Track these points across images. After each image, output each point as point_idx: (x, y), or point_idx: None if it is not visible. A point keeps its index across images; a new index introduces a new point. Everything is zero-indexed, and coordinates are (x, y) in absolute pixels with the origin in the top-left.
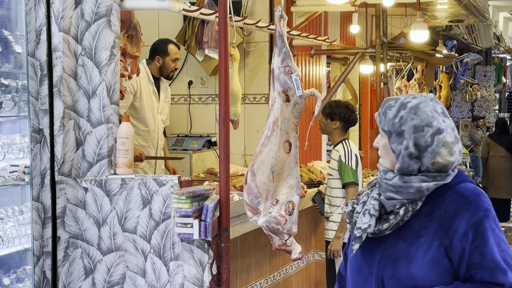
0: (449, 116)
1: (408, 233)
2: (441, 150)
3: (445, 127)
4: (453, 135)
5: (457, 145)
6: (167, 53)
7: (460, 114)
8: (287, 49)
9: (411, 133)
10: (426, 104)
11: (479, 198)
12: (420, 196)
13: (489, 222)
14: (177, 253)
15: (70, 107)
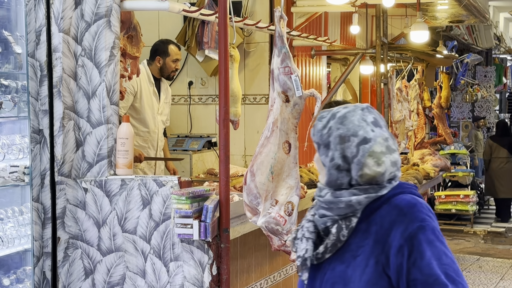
0: (383, 126)
1: (346, 253)
2: (367, 161)
3: (373, 137)
4: (384, 145)
5: (389, 155)
6: (167, 53)
7: (461, 114)
8: (287, 49)
9: (336, 143)
10: (354, 114)
11: (415, 209)
12: (352, 211)
13: (425, 233)
14: (177, 254)
15: (70, 107)
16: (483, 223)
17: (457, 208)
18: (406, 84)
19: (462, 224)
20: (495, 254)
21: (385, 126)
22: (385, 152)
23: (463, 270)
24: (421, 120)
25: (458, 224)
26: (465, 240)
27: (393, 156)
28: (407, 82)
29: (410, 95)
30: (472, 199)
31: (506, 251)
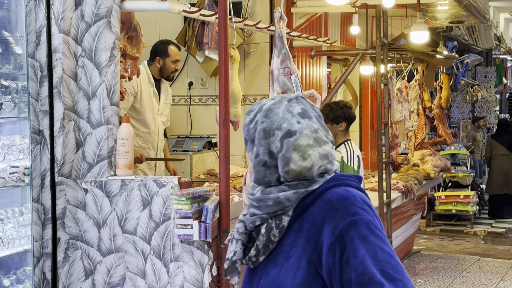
0: (314, 117)
1: (280, 256)
2: (292, 156)
3: (298, 129)
4: (312, 137)
5: (317, 148)
6: (167, 54)
7: (461, 115)
8: (287, 50)
9: (260, 138)
10: (279, 105)
11: (347, 202)
12: (281, 208)
13: (358, 229)
14: (177, 254)
15: (70, 108)
16: (483, 224)
17: (457, 209)
18: (406, 85)
19: (462, 224)
20: (495, 255)
21: (316, 117)
22: (312, 145)
23: (463, 270)
24: (421, 121)
25: (458, 225)
26: (465, 240)
27: (323, 149)
28: (407, 83)
29: (410, 95)
30: (472, 199)
31: (506, 251)
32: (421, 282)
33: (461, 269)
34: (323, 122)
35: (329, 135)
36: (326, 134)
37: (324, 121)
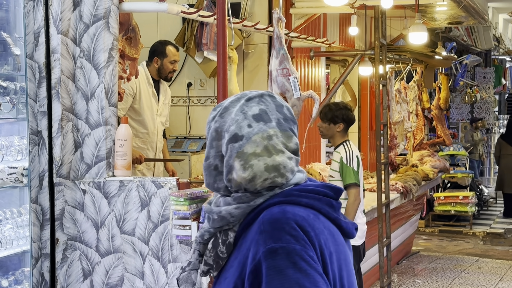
0: (273, 120)
1: (223, 273)
2: (235, 164)
3: (247, 133)
4: (262, 145)
5: (265, 158)
6: (165, 54)
7: (460, 116)
8: (285, 51)
9: (212, 139)
10: (236, 104)
11: (275, 225)
12: (226, 223)
13: (276, 258)
14: (176, 255)
15: (68, 109)
16: (482, 224)
17: (456, 209)
18: (405, 86)
19: (461, 225)
20: (494, 255)
21: (278, 120)
22: (258, 154)
23: (462, 271)
24: (420, 121)
25: (457, 225)
26: (464, 241)
27: (272, 159)
28: (406, 84)
29: (409, 96)
30: (471, 200)
31: (505, 252)
32: (420, 282)
33: (460, 270)
34: (291, 126)
35: (291, 143)
36: (286, 141)
37: (322, 120)
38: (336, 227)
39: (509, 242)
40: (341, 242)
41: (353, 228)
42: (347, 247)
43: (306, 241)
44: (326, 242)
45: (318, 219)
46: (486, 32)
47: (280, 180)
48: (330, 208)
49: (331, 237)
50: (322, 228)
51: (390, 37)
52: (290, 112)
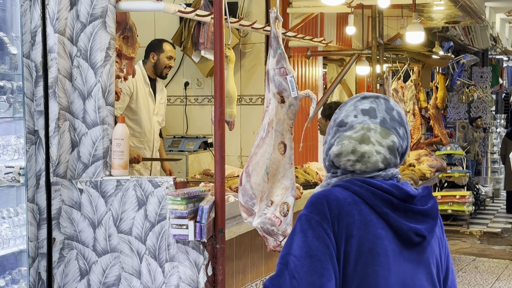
0: (377, 118)
1: None
2: (335, 142)
3: (351, 121)
4: (360, 133)
5: (355, 142)
6: (162, 49)
7: (457, 115)
8: (282, 50)
9: (329, 127)
10: (351, 100)
11: (313, 199)
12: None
13: (298, 222)
14: (173, 255)
15: (65, 108)
16: (479, 224)
17: (453, 209)
18: (402, 85)
19: (458, 224)
20: (491, 255)
21: (382, 118)
22: (353, 138)
23: (459, 270)
24: (417, 121)
25: (454, 225)
26: (461, 240)
27: (362, 146)
28: (403, 83)
29: (406, 95)
30: (468, 199)
31: (502, 251)
32: None
33: (457, 269)
34: (396, 127)
35: (387, 139)
36: (382, 137)
37: (321, 115)
38: (383, 221)
39: (506, 242)
40: (377, 234)
41: (411, 233)
42: (386, 241)
43: (326, 215)
44: (348, 225)
45: (357, 206)
46: (483, 32)
47: (359, 166)
48: (383, 203)
49: (362, 225)
50: (353, 213)
51: (387, 36)
52: (399, 116)
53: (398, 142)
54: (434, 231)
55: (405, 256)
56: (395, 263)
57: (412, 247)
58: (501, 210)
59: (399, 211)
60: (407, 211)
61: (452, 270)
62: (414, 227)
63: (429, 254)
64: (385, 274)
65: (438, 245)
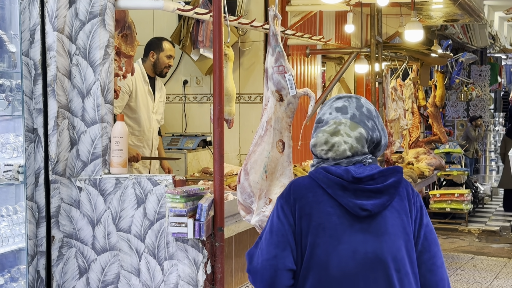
0: (348, 114)
1: None
2: (314, 135)
3: (326, 118)
4: (332, 127)
5: (327, 135)
6: (161, 48)
7: (455, 113)
8: (281, 48)
9: (315, 124)
10: (329, 100)
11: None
12: None
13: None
14: (172, 253)
15: (64, 106)
16: (477, 222)
17: (451, 207)
18: (401, 83)
19: (457, 223)
20: (490, 253)
21: (352, 114)
22: (326, 131)
23: (457, 268)
24: (416, 119)
25: (452, 223)
26: (460, 238)
27: (333, 138)
28: (402, 81)
29: (404, 94)
30: (467, 198)
31: (500, 249)
32: None
33: (455, 267)
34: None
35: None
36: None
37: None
38: (333, 200)
39: (505, 240)
40: (326, 212)
41: (357, 208)
42: (335, 217)
43: (288, 199)
44: (302, 206)
45: (312, 189)
46: (482, 30)
47: (331, 154)
48: (335, 185)
49: (315, 204)
50: (308, 196)
51: (386, 34)
52: (369, 111)
53: (367, 133)
54: (389, 206)
55: (356, 228)
56: (345, 234)
57: (363, 220)
58: (500, 208)
59: (349, 190)
60: (356, 190)
61: (426, 237)
62: (359, 203)
63: (383, 227)
64: (334, 243)
65: (399, 217)
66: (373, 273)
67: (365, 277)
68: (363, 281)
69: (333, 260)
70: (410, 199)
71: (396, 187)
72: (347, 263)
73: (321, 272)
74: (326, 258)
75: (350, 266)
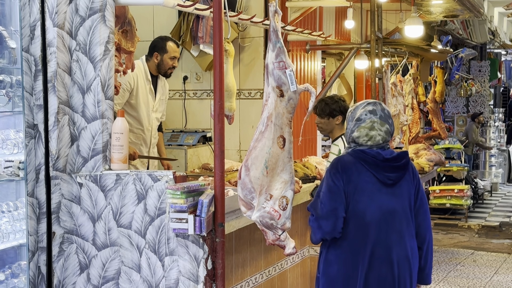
0: (377, 114)
1: None
2: (354, 129)
3: (363, 118)
4: (369, 124)
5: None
6: (165, 50)
7: (455, 109)
8: (281, 44)
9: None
10: (360, 105)
11: (334, 160)
12: None
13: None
14: (172, 248)
15: (64, 102)
16: (477, 218)
17: (451, 203)
18: (401, 79)
19: (457, 218)
20: (490, 248)
21: (380, 114)
22: (365, 127)
23: (457, 264)
24: (416, 115)
25: (452, 219)
26: (460, 234)
27: (370, 132)
28: (402, 77)
29: (404, 89)
30: (467, 193)
31: (500, 245)
32: None
33: (455, 263)
34: (387, 119)
35: (384, 127)
36: (381, 126)
37: (320, 116)
38: (369, 173)
39: (504, 235)
40: (365, 180)
41: (386, 179)
42: (370, 184)
43: (338, 170)
44: (348, 176)
45: (354, 164)
46: (482, 26)
47: (370, 143)
48: (371, 162)
49: (357, 174)
50: (352, 168)
51: (386, 30)
52: (388, 113)
53: (390, 128)
54: (403, 177)
55: (383, 192)
56: (376, 195)
57: (388, 187)
58: (499, 203)
59: (379, 166)
60: (385, 167)
61: (421, 198)
62: (387, 175)
63: (399, 191)
64: (368, 200)
65: (408, 185)
66: (391, 219)
67: (386, 222)
68: (385, 224)
69: (368, 211)
70: (413, 173)
71: (407, 165)
72: (376, 213)
73: (359, 219)
74: (363, 210)
75: (377, 215)
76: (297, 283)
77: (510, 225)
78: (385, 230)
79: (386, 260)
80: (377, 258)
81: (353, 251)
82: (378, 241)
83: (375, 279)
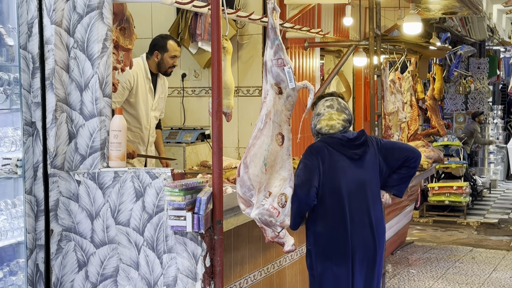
0: (334, 107)
1: None
2: (317, 123)
3: (322, 111)
4: (328, 116)
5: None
6: (166, 49)
7: (454, 106)
8: (280, 41)
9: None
10: (319, 100)
11: (308, 148)
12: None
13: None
14: (170, 246)
15: (62, 100)
16: (476, 215)
17: (450, 200)
18: (400, 76)
19: (455, 215)
20: (488, 245)
21: (337, 107)
22: (324, 120)
23: (456, 261)
24: (414, 112)
25: (451, 216)
26: (458, 231)
27: (330, 122)
28: (401, 74)
29: (403, 87)
30: (465, 190)
31: (499, 242)
32: (414, 272)
33: (454, 260)
34: (344, 110)
35: (341, 117)
36: (338, 117)
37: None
38: (338, 152)
39: (503, 232)
40: (336, 159)
41: (353, 155)
42: (341, 161)
43: (312, 153)
44: (322, 157)
45: (325, 147)
46: (480, 23)
47: (332, 131)
48: (338, 144)
49: (328, 155)
50: (324, 151)
51: (384, 27)
52: (344, 105)
53: (348, 117)
54: (367, 152)
55: (352, 166)
56: (347, 170)
57: (355, 161)
58: (498, 200)
59: (345, 146)
60: (350, 146)
61: (384, 144)
62: (354, 152)
63: (366, 164)
64: (342, 175)
65: (371, 157)
66: (362, 189)
67: (358, 191)
68: (359, 193)
69: (343, 184)
70: (372, 143)
71: (367, 140)
72: (350, 184)
73: (337, 192)
74: (339, 183)
75: (351, 187)
76: (296, 280)
77: (508, 222)
78: (361, 198)
79: (367, 223)
80: (357, 222)
81: (336, 221)
82: (356, 209)
83: (360, 241)
